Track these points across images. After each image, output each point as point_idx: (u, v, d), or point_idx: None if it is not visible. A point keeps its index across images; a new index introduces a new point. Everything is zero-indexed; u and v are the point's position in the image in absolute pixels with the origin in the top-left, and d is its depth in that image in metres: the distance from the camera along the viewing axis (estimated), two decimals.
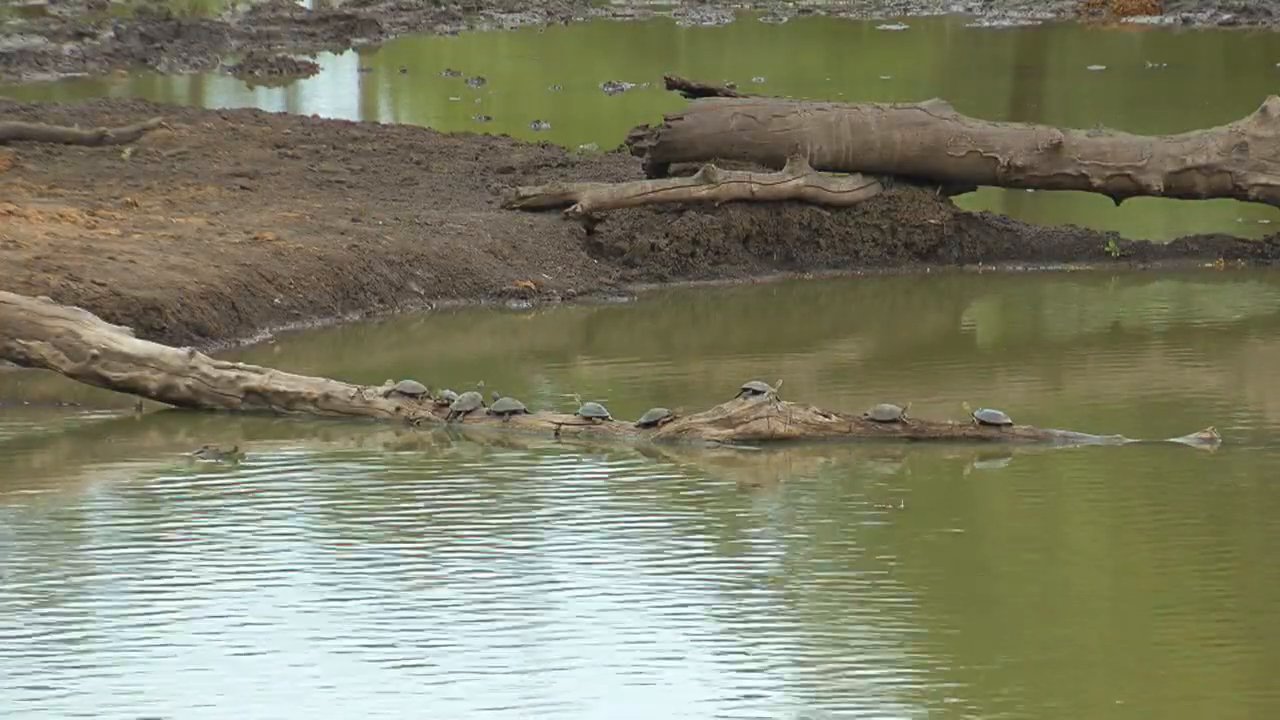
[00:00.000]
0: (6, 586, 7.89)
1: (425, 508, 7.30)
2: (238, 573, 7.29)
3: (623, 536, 7.04)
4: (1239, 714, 6.39)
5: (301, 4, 15.38)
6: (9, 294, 9.12)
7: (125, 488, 8.30)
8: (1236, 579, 7.35)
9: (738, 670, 6.48)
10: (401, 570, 6.79)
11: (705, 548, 6.97)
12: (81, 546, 8.18)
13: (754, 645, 6.57)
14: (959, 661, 6.54)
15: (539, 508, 7.34)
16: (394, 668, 6.96)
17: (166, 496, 7.89)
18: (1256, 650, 7.20)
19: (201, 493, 8.14)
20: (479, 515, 7.10)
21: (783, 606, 6.78)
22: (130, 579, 7.50)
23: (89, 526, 8.57)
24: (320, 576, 7.30)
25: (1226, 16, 14.93)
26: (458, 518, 7.11)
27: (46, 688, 6.64)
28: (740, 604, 6.86)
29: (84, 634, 6.89)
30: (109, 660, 6.71)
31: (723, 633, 6.86)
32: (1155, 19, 14.84)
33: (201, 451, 7.68)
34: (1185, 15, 15.04)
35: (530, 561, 6.83)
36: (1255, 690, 6.59)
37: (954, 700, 6.05)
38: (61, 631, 7.06)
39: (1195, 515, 7.56)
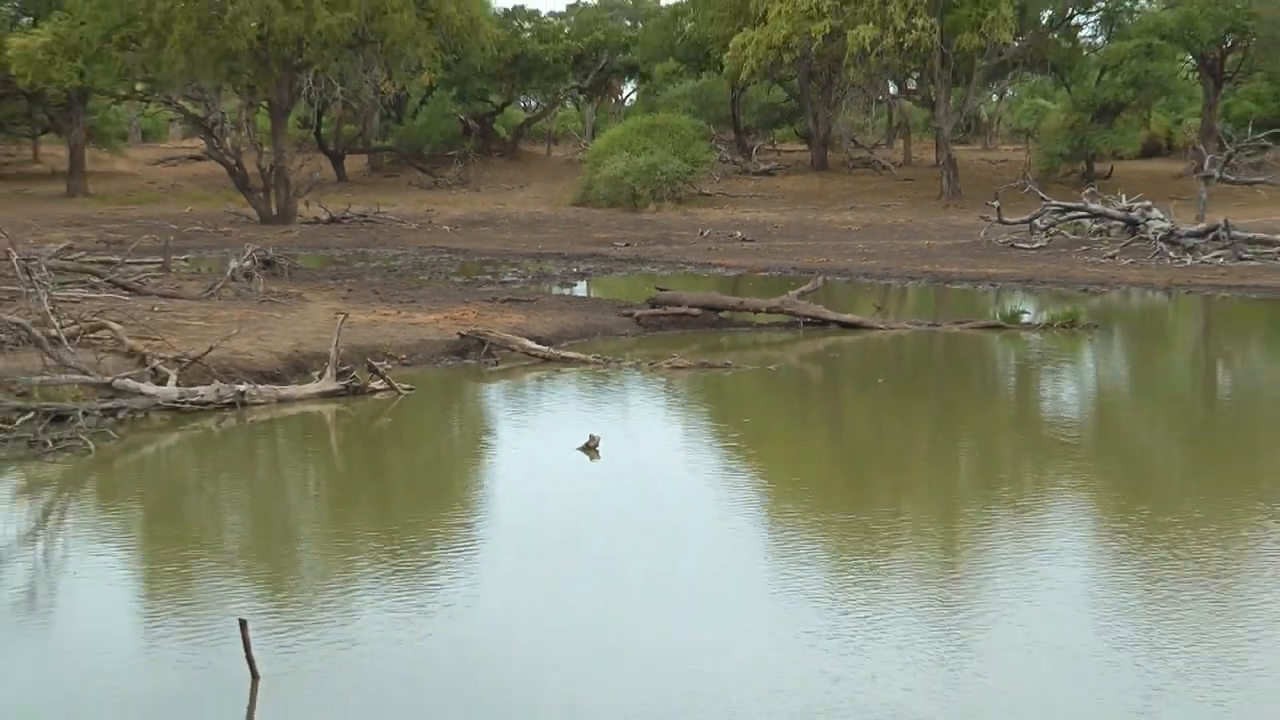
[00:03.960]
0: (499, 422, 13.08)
1: (603, 384, 15.35)
2: (541, 399, 15.19)
3: (640, 388, 15.36)
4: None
5: (553, 272, 20.70)
6: (507, 334, 17.85)
7: (518, 388, 15.32)
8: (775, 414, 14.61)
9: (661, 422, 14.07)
10: (611, 389, 15.26)
11: (657, 391, 15.14)
12: (515, 405, 15.04)
13: (668, 424, 13.73)
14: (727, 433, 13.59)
15: (629, 376, 15.80)
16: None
17: (526, 390, 15.16)
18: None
19: (533, 383, 15.92)
20: (619, 382, 15.42)
21: (677, 397, 14.48)
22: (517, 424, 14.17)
23: (522, 396, 15.46)
24: (585, 398, 15.28)
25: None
26: (614, 382, 15.43)
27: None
28: (663, 395, 14.63)
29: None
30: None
31: (655, 413, 14.38)
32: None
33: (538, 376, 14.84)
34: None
35: (624, 383, 15.54)
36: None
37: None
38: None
39: (775, 386, 15.67)
